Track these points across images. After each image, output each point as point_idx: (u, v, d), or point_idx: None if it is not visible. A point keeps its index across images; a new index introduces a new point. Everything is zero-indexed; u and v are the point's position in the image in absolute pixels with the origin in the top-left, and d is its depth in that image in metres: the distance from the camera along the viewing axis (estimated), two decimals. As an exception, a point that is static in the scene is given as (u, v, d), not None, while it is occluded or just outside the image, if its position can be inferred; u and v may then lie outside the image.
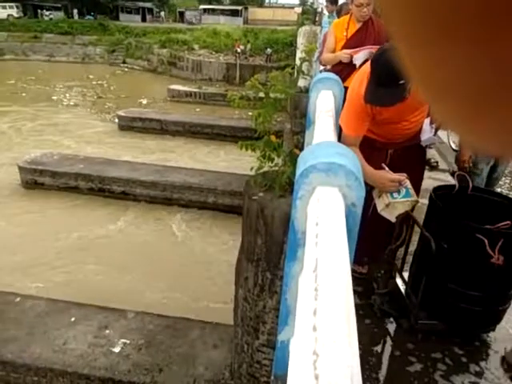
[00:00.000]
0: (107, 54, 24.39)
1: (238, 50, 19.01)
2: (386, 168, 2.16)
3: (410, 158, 2.38)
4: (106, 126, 11.96)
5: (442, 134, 5.44)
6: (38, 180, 7.79)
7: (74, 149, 9.57)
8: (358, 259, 2.66)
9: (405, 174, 2.12)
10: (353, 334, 0.65)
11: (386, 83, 1.87)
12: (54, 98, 15.56)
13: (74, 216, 6.98)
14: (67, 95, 16.03)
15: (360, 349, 0.65)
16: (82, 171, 7.73)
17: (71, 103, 14.89)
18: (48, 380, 3.47)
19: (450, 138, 5.47)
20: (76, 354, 3.52)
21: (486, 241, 1.86)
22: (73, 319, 3.88)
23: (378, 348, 2.27)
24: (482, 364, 2.16)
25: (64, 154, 8.55)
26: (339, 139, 1.98)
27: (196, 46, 21.13)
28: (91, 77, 19.52)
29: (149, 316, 4.00)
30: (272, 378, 1.54)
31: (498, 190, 3.61)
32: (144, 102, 15.30)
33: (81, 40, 25.57)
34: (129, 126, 11.32)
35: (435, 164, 4.91)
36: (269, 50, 19.45)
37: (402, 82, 1.86)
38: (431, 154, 4.88)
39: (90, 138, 10.77)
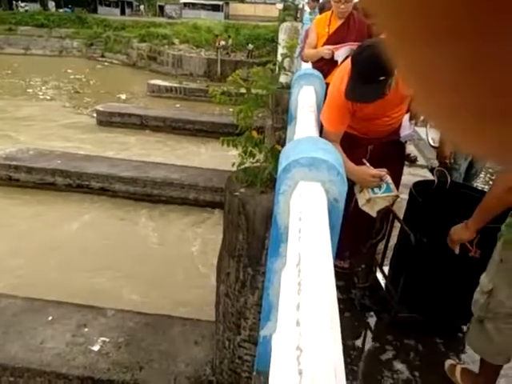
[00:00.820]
0: (85, 48, 23.87)
1: (219, 45, 18.89)
2: (367, 164, 2.18)
3: (389, 153, 2.41)
4: (84, 121, 11.72)
5: (420, 130, 5.54)
6: (13, 176, 7.58)
7: (49, 144, 9.33)
8: (339, 254, 2.68)
9: (385, 170, 2.14)
10: (336, 328, 0.65)
11: (367, 80, 1.87)
12: (30, 91, 15.16)
13: (49, 213, 6.82)
14: (43, 89, 15.64)
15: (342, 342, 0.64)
16: (59, 167, 7.56)
17: (47, 97, 14.54)
18: (25, 380, 3.39)
19: (428, 135, 5.56)
20: (54, 353, 3.44)
21: (463, 235, 1.90)
22: (50, 318, 3.79)
23: (359, 341, 2.30)
24: (462, 355, 2.21)
25: (40, 150, 8.34)
26: (321, 134, 1.99)
27: (176, 41, 20.88)
28: (69, 71, 19.08)
29: (128, 314, 3.95)
30: (254, 373, 1.53)
31: (474, 184, 3.68)
32: (123, 97, 15.05)
33: (58, 33, 24.94)
34: (108, 121, 11.12)
35: (414, 159, 4.99)
36: (250, 46, 19.39)
37: (382, 78, 1.87)
38: (410, 149, 4.96)
39: (67, 134, 10.54)
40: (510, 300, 1.69)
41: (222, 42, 19.27)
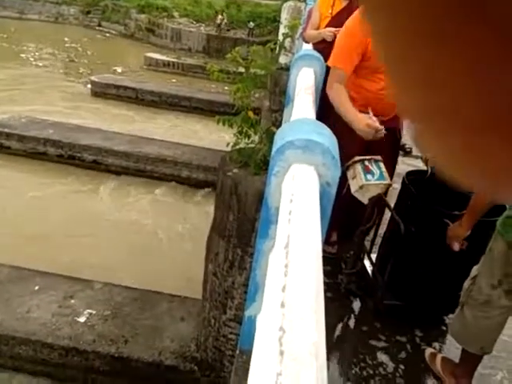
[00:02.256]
0: (82, 16, 23.25)
1: (219, 20, 18.53)
2: (371, 113, 2.14)
3: (385, 141, 2.39)
4: (78, 91, 11.50)
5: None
6: (4, 143, 7.46)
7: (40, 110, 9.12)
8: (327, 239, 2.69)
9: (382, 127, 2.11)
10: (320, 312, 0.65)
11: None
12: (23, 56, 14.80)
13: (39, 182, 6.74)
14: (37, 55, 15.27)
15: (325, 326, 0.64)
16: (52, 137, 7.43)
17: (40, 64, 14.21)
18: (10, 348, 3.41)
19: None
20: (39, 323, 3.46)
21: (452, 226, 1.91)
22: (37, 288, 3.80)
23: (343, 326, 2.33)
24: (443, 345, 2.25)
25: (32, 118, 8.19)
26: (318, 117, 1.96)
27: (176, 14, 20.41)
28: (66, 39, 18.63)
29: (116, 288, 3.96)
30: (237, 352, 1.55)
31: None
32: (119, 69, 14.76)
33: (54, -2, 24.23)
34: (102, 92, 10.92)
35: (409, 150, 4.99)
36: (251, 24, 19.02)
37: None
38: (405, 139, 4.95)
39: (60, 102, 10.34)
40: (488, 288, 1.73)
41: (222, 18, 18.88)
